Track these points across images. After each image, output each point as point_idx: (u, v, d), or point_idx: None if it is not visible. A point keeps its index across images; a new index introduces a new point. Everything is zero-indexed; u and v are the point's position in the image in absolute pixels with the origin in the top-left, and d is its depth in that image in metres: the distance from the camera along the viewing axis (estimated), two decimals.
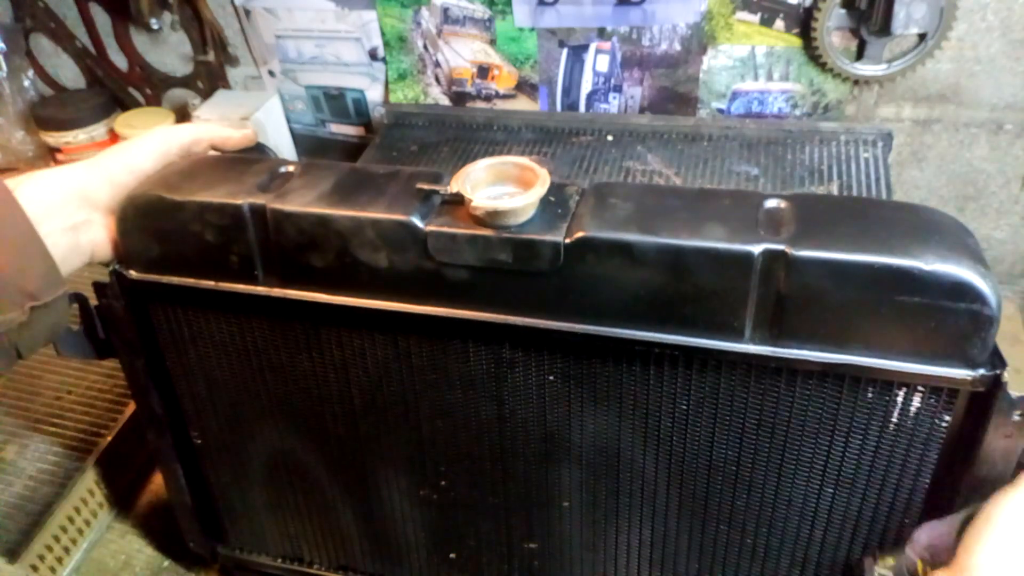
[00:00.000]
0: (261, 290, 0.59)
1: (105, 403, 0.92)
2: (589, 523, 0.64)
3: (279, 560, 0.78)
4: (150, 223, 0.60)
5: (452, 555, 0.70)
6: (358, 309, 0.57)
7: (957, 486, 0.52)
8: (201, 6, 1.13)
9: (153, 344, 0.67)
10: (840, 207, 0.52)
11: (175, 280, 0.61)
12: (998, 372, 0.47)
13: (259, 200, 0.56)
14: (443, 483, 0.66)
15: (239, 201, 0.56)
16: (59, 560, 0.82)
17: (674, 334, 0.52)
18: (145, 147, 0.62)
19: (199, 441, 0.72)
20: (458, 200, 0.53)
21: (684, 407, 0.55)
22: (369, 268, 0.56)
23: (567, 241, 0.51)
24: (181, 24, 1.16)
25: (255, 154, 0.71)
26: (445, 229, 0.53)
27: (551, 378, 0.57)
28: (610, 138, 0.98)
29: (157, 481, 0.91)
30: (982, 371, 0.48)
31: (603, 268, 0.51)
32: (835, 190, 0.85)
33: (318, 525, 0.73)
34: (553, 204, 0.53)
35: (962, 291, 0.45)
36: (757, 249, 0.48)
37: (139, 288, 0.62)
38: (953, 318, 0.46)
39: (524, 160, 0.54)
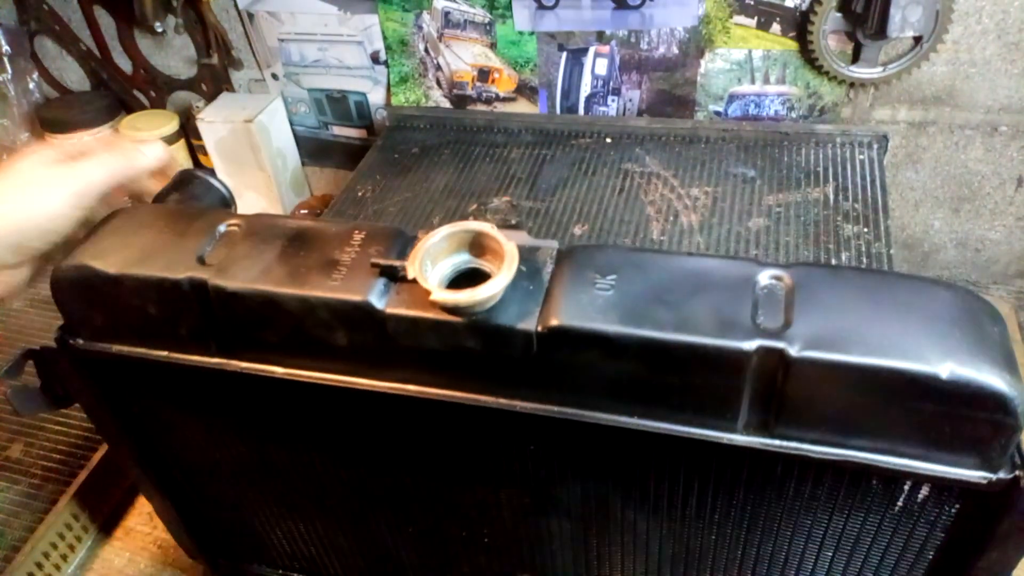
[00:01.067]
0: (216, 362, 0.54)
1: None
2: (581, 562, 0.62)
3: (279, 572, 0.78)
4: (86, 296, 0.55)
5: None
6: (320, 386, 0.53)
7: (965, 566, 0.49)
8: (205, 10, 1.14)
9: (117, 400, 0.63)
10: (846, 284, 0.46)
11: (124, 350, 0.56)
12: (1018, 475, 0.43)
13: (199, 275, 0.51)
14: (430, 523, 0.64)
15: (178, 276, 0.51)
16: (63, 557, 0.83)
17: (661, 422, 0.47)
18: (55, 203, 0.55)
19: (181, 478, 0.69)
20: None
21: (675, 481, 0.52)
22: (328, 344, 0.51)
23: (540, 330, 0.46)
24: (185, 27, 1.17)
25: (188, 188, 0.64)
26: (406, 313, 0.47)
27: (532, 447, 0.53)
28: (609, 140, 0.99)
29: None
30: (1000, 474, 0.43)
31: (581, 358, 0.46)
32: (831, 192, 0.86)
33: (315, 545, 0.73)
34: (524, 276, 0.48)
35: (984, 400, 0.41)
36: (751, 346, 0.43)
37: (87, 355, 0.58)
38: (971, 425, 0.42)
39: (486, 227, 0.48)
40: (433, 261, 0.48)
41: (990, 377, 0.40)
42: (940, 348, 0.41)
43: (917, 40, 0.91)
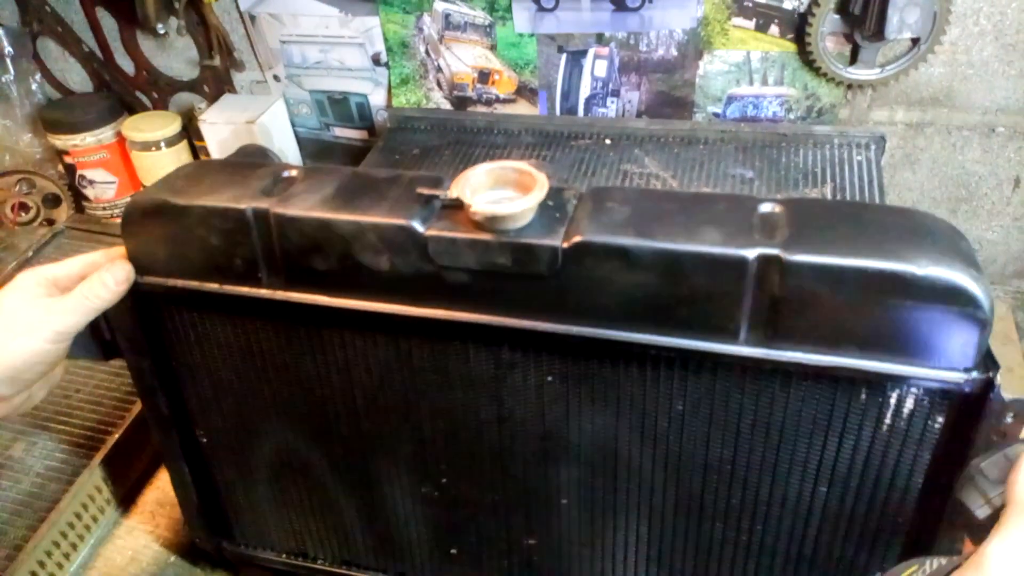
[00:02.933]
0: (264, 293, 0.60)
1: (112, 401, 0.93)
2: (587, 520, 0.65)
3: (284, 555, 0.79)
4: (154, 227, 0.60)
5: (453, 551, 0.71)
6: (360, 312, 0.58)
7: (950, 486, 0.51)
8: (207, 12, 1.14)
9: (159, 345, 0.67)
10: (834, 211, 0.52)
11: (179, 283, 0.62)
12: (991, 374, 0.48)
13: (263, 205, 0.57)
14: (444, 480, 0.67)
15: (243, 206, 0.57)
16: (66, 556, 0.83)
17: (670, 336, 0.52)
18: (41, 344, 0.58)
19: (204, 440, 0.73)
20: (458, 205, 0.54)
21: (680, 407, 0.56)
22: (371, 271, 0.56)
23: (565, 245, 0.51)
24: (187, 29, 1.17)
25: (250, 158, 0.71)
26: (445, 233, 0.53)
27: (549, 379, 0.58)
28: (608, 142, 0.99)
29: (163, 478, 0.92)
30: (975, 373, 0.48)
31: (600, 272, 0.51)
32: (829, 193, 0.87)
33: (322, 521, 0.75)
34: (551, 208, 0.54)
35: (955, 295, 0.46)
36: (752, 253, 0.48)
37: (143, 291, 0.63)
38: (946, 321, 0.47)
39: (523, 165, 0.55)
40: (472, 192, 0.54)
41: (960, 275, 0.46)
42: (915, 252, 0.47)
43: (915, 42, 0.91)
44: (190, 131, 1.25)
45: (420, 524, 0.71)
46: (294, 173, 0.61)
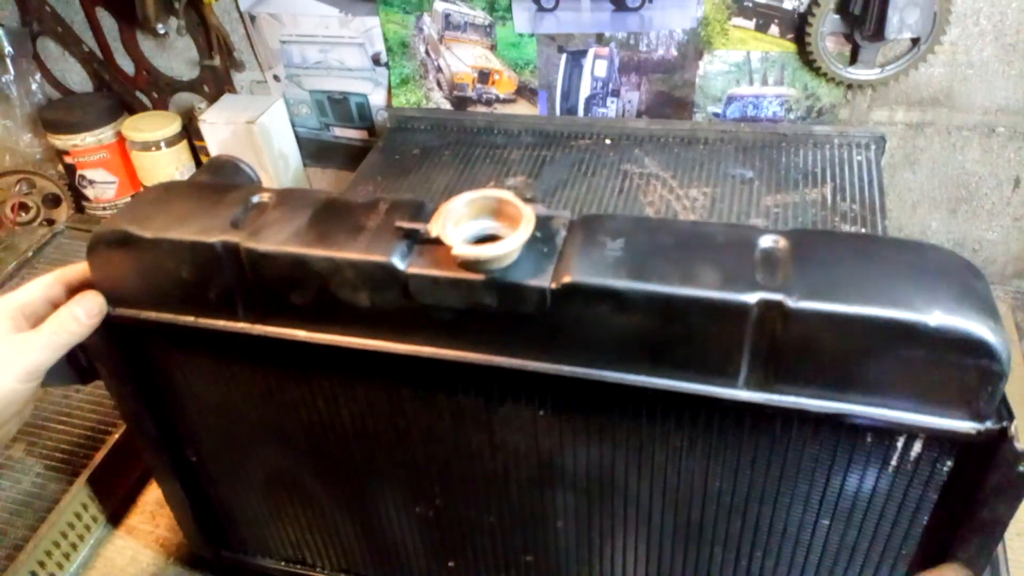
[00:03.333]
0: (242, 327, 0.57)
1: (112, 401, 0.93)
2: (584, 541, 0.63)
3: (282, 563, 0.78)
4: (121, 260, 0.57)
5: (451, 563, 0.71)
6: (342, 349, 0.55)
7: (957, 525, 0.50)
8: (207, 12, 1.14)
9: (139, 370, 0.65)
10: (841, 246, 0.49)
11: (153, 316, 0.58)
12: (1005, 424, 0.45)
13: (232, 238, 0.53)
14: (438, 502, 0.65)
15: (212, 239, 0.54)
16: (66, 556, 0.83)
17: (666, 378, 0.50)
18: (12, 384, 0.56)
19: (195, 459, 0.71)
20: (439, 241, 0.50)
21: (678, 443, 0.54)
22: (351, 306, 0.53)
23: (554, 286, 0.48)
24: (187, 29, 1.17)
25: (220, 173, 0.67)
26: (426, 271, 0.50)
27: (541, 412, 0.56)
28: (608, 142, 0.99)
29: None
30: (989, 423, 0.45)
31: (592, 313, 0.49)
32: (828, 193, 0.87)
33: (319, 533, 0.74)
34: (539, 241, 0.50)
35: (970, 346, 0.43)
36: (753, 298, 0.45)
37: (116, 323, 0.60)
38: (959, 372, 0.44)
39: (506, 194, 0.51)
40: (455, 224, 0.51)
41: (976, 325, 0.42)
42: (928, 298, 0.43)
43: (915, 42, 0.91)
44: (190, 131, 1.25)
45: (416, 539, 0.70)
46: (265, 198, 0.57)
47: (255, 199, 0.57)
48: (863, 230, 0.82)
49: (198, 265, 0.55)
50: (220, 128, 1.17)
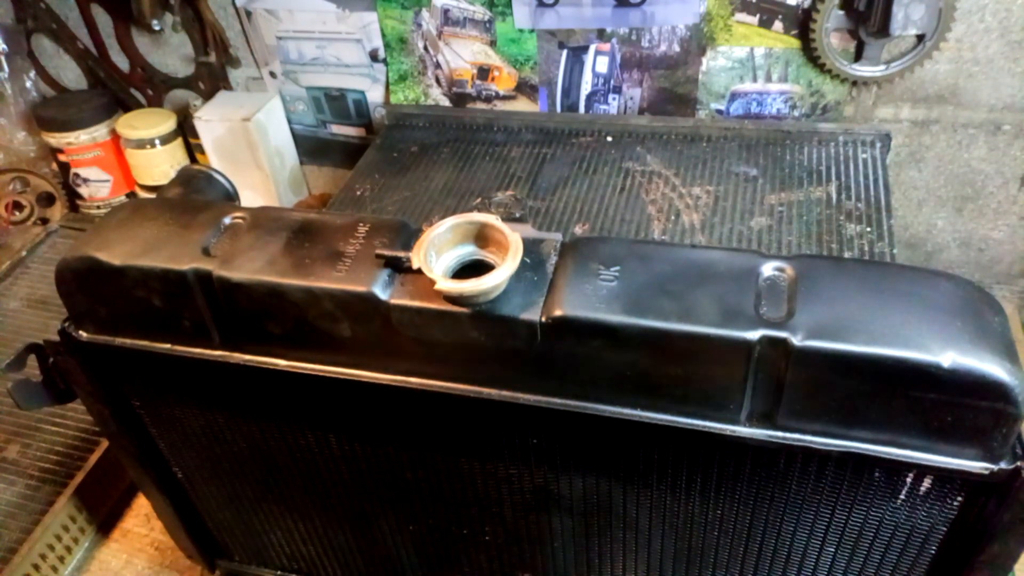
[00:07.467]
0: (218, 355, 0.54)
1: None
2: (583, 562, 0.62)
3: (277, 573, 0.77)
4: (90, 288, 0.54)
5: None
6: (322, 378, 0.53)
7: (967, 557, 0.49)
8: (202, 8, 1.13)
9: (117, 392, 0.62)
10: (849, 276, 0.46)
11: (127, 342, 0.56)
12: (1020, 464, 0.43)
13: (204, 266, 0.51)
14: (431, 522, 0.63)
15: (183, 267, 0.51)
16: (60, 559, 0.82)
17: (663, 413, 0.47)
18: None
19: (181, 475, 0.69)
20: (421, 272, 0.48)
21: (677, 475, 0.52)
22: (331, 336, 0.51)
23: (544, 320, 0.46)
24: (183, 25, 1.16)
25: (192, 184, 0.64)
26: (409, 303, 0.47)
27: (535, 441, 0.53)
28: (609, 139, 0.98)
29: None
30: (1002, 464, 0.44)
31: (584, 348, 0.46)
32: (833, 191, 0.86)
33: (313, 545, 0.73)
34: (528, 268, 0.48)
35: (985, 389, 0.41)
36: (755, 335, 0.43)
37: (90, 348, 0.58)
38: (973, 414, 0.42)
39: (491, 219, 0.48)
40: (438, 252, 0.48)
41: (991, 367, 0.41)
42: (942, 338, 0.41)
43: (920, 38, 0.90)
44: (185, 129, 1.24)
45: (411, 554, 0.69)
46: (238, 218, 0.54)
47: (227, 220, 0.54)
48: (868, 229, 0.81)
49: (169, 294, 0.52)
50: (215, 125, 1.16)
